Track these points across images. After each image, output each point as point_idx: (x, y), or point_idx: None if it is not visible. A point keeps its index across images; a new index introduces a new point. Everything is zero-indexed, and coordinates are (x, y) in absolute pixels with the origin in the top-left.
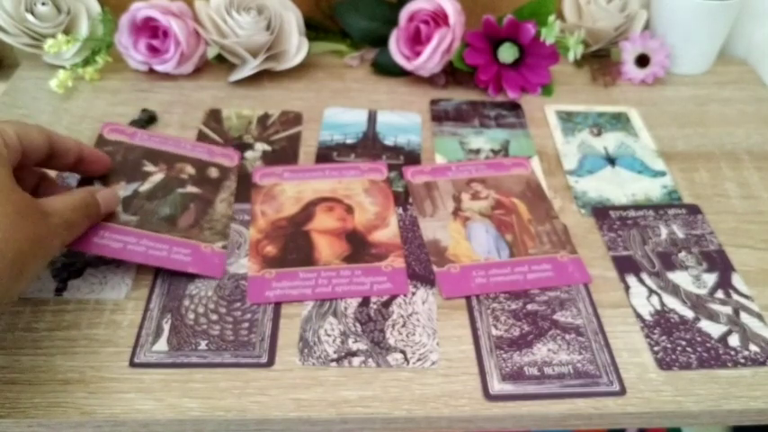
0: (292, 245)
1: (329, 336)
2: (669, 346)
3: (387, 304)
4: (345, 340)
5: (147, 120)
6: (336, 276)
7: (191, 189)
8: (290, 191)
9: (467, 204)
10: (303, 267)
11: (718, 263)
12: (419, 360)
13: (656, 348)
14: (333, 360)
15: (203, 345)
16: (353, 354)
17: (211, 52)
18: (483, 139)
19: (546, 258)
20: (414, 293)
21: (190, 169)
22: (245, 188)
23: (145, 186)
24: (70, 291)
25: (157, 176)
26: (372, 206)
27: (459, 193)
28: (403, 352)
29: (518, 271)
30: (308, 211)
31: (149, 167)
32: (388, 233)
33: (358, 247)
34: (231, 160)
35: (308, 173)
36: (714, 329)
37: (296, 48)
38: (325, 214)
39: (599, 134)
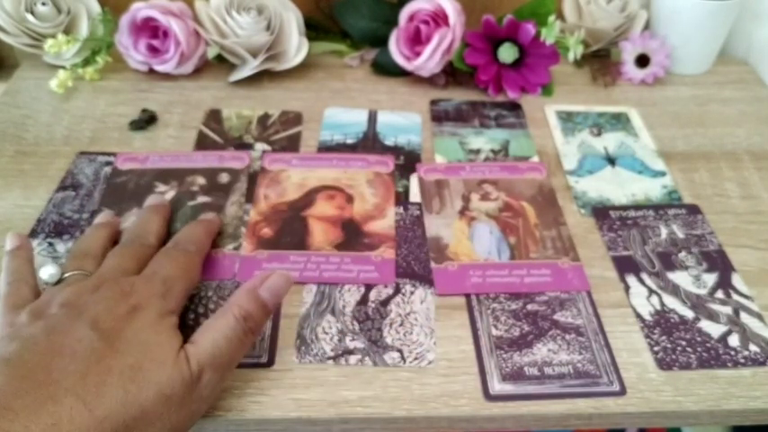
0: (288, 228)
1: (327, 333)
2: (669, 346)
3: (385, 303)
4: (343, 338)
5: (147, 120)
6: (325, 262)
7: (201, 199)
8: (295, 177)
9: (475, 204)
10: (295, 251)
11: (719, 263)
12: (416, 359)
13: (656, 348)
14: (330, 358)
15: None
16: (350, 352)
17: (211, 52)
18: (483, 140)
19: (546, 263)
20: (412, 293)
21: (200, 180)
22: (255, 187)
23: None
24: None
25: (169, 195)
26: (373, 197)
27: (468, 192)
28: (400, 351)
29: (516, 274)
30: (309, 198)
31: (161, 188)
32: (383, 224)
33: (352, 236)
34: (242, 162)
35: (315, 161)
36: (714, 329)
37: (296, 48)
38: (325, 202)
39: (599, 134)
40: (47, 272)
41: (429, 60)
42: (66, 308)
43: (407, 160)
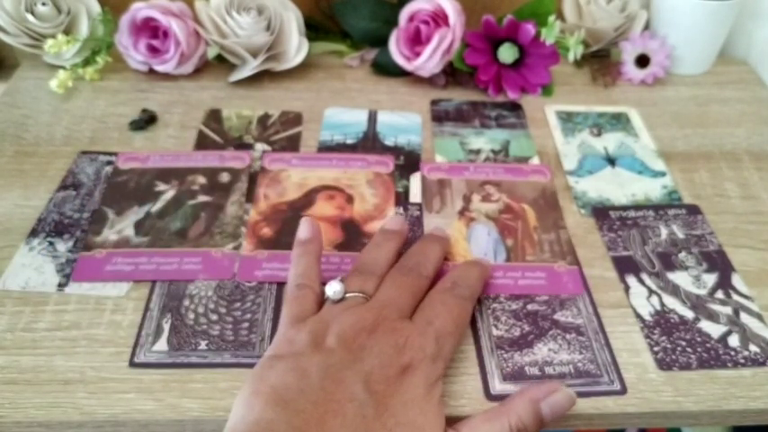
0: (288, 228)
1: None
2: (669, 346)
3: None
4: None
5: (147, 120)
6: (325, 262)
7: (201, 198)
8: (295, 177)
9: (475, 205)
10: None
11: (719, 263)
12: None
13: (655, 348)
14: None
15: (203, 345)
16: None
17: (211, 52)
18: (483, 140)
19: (542, 267)
20: None
21: (201, 179)
22: (255, 187)
23: (157, 206)
24: (71, 286)
25: (169, 194)
26: (373, 198)
27: (470, 193)
28: None
29: (510, 276)
30: (309, 198)
31: (161, 187)
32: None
33: (352, 236)
34: (243, 162)
35: (315, 161)
36: (714, 330)
37: (296, 48)
38: (325, 202)
39: (599, 134)
40: (332, 288)
41: (429, 60)
42: (342, 346)
43: (407, 160)
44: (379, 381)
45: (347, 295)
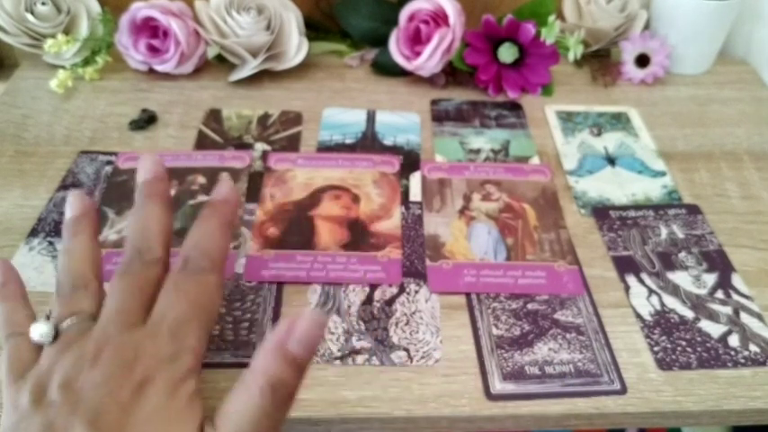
0: (295, 228)
1: (333, 334)
2: (669, 346)
3: (390, 302)
4: (349, 338)
5: (147, 120)
6: (332, 262)
7: (201, 198)
8: (300, 177)
9: (475, 204)
10: (301, 251)
11: (719, 263)
12: (423, 357)
13: (655, 348)
14: (337, 358)
15: None
16: (357, 352)
17: (211, 52)
18: (483, 139)
19: (542, 266)
20: (417, 292)
21: (201, 179)
22: (255, 188)
23: None
24: None
25: None
26: (379, 197)
27: (470, 192)
28: (407, 350)
29: (510, 275)
30: (315, 198)
31: None
32: (389, 225)
33: (358, 236)
34: (243, 162)
35: (321, 161)
36: (714, 329)
37: (296, 48)
38: (331, 202)
39: (599, 134)
40: (37, 332)
41: (429, 60)
42: (65, 393)
43: (407, 160)
44: (110, 411)
45: (61, 326)
